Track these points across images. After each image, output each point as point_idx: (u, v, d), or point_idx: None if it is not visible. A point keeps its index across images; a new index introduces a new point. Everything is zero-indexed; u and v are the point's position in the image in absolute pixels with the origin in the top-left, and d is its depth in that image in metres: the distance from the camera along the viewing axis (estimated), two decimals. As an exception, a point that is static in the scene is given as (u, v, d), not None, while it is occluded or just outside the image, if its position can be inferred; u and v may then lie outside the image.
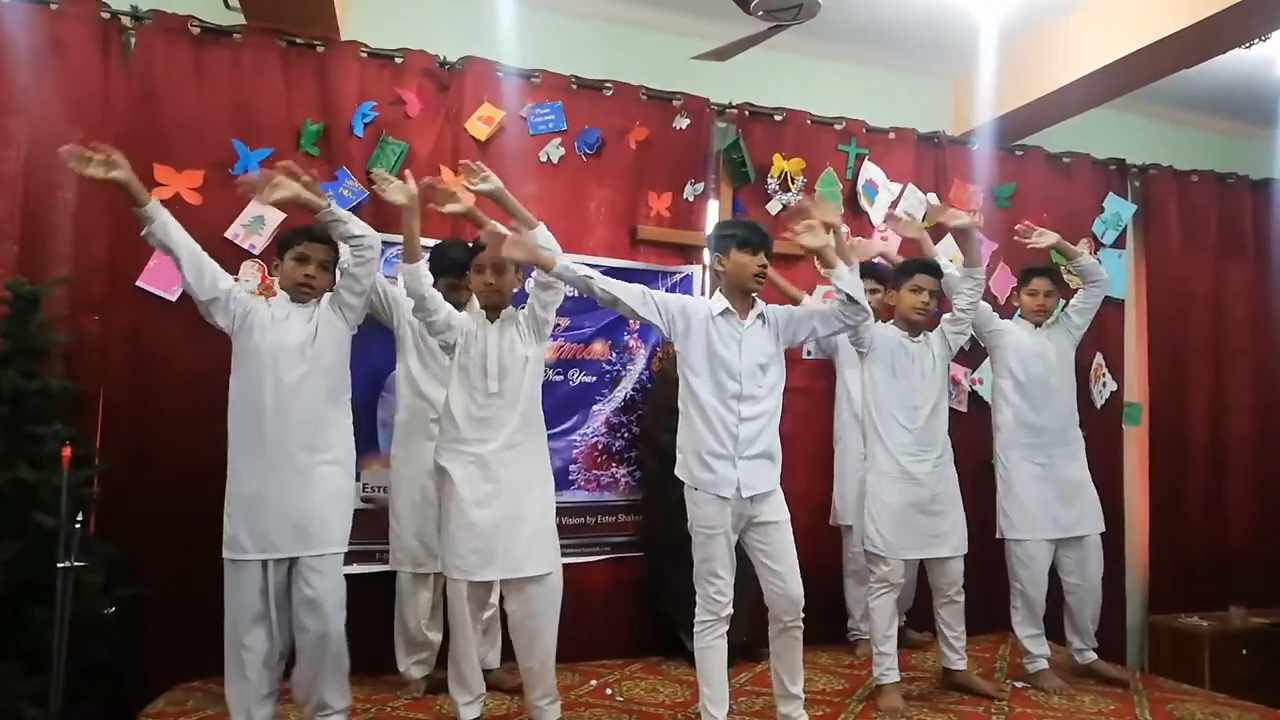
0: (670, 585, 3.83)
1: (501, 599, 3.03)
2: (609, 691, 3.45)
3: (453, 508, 2.87)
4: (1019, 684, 3.64)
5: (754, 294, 2.94)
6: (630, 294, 2.85)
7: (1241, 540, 5.25)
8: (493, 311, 3.00)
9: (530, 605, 2.88)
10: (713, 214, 4.46)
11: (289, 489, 2.77)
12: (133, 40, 3.63)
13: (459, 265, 3.22)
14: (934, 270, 3.53)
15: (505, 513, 2.86)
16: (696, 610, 2.88)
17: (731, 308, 2.91)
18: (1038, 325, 3.81)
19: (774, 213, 4.48)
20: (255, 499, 2.78)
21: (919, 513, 3.39)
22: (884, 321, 3.59)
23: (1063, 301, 3.96)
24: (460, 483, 2.86)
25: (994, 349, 3.81)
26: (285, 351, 2.82)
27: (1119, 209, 5.15)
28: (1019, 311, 3.91)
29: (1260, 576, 5.18)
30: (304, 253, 2.89)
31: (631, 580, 4.07)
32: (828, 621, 4.08)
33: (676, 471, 2.94)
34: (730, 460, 2.84)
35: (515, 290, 3.07)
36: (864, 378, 3.49)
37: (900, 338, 3.47)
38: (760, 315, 2.95)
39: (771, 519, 2.90)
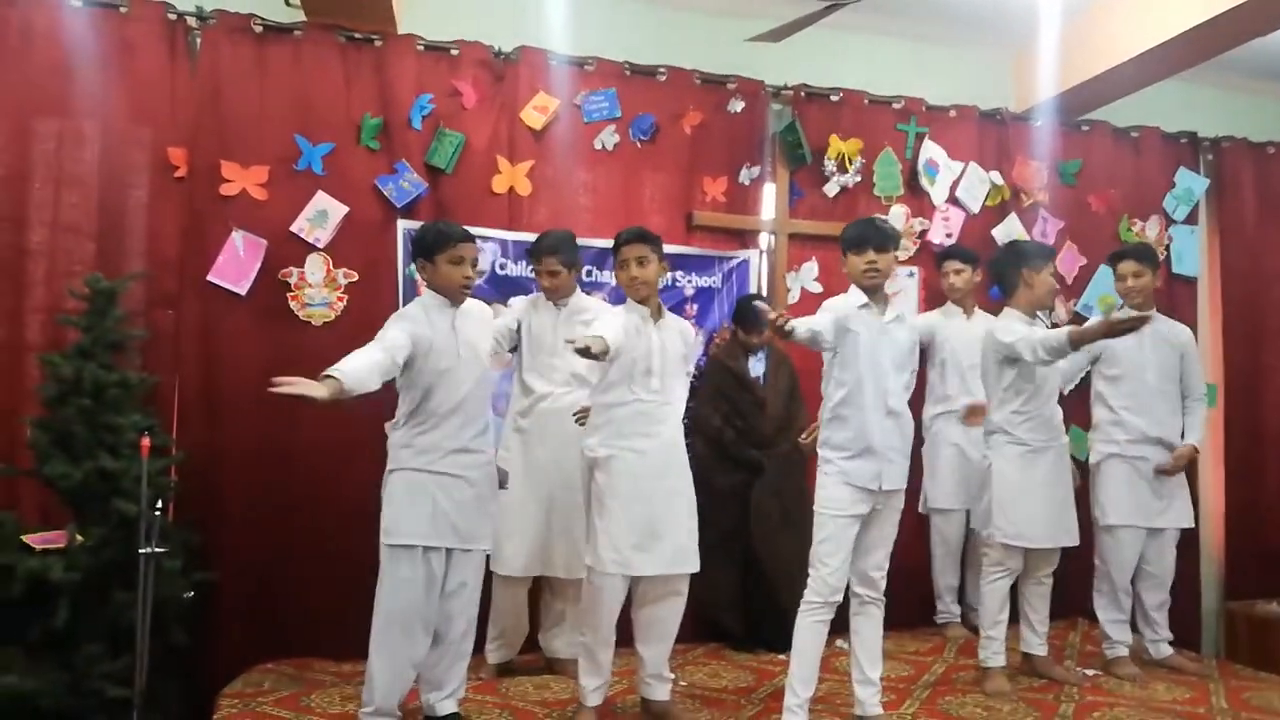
0: (715, 574, 3.80)
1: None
2: (672, 675, 3.45)
3: (614, 501, 2.90)
4: (1090, 671, 3.58)
5: (877, 290, 2.93)
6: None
7: (1322, 526, 5.07)
8: (654, 310, 3.01)
9: (681, 601, 3.00)
10: (769, 198, 4.43)
11: None
12: (198, 40, 3.72)
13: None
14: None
15: (666, 509, 2.93)
16: (806, 590, 2.89)
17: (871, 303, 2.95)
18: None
19: (831, 195, 4.44)
20: None
21: (1039, 499, 3.35)
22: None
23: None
24: (625, 476, 2.90)
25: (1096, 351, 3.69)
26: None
27: (1191, 184, 4.98)
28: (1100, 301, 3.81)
29: (1342, 562, 5.00)
30: (461, 254, 2.86)
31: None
32: (910, 606, 4.10)
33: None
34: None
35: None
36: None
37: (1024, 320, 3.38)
38: (899, 316, 2.97)
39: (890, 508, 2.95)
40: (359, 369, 2.57)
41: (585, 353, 2.65)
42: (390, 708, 2.79)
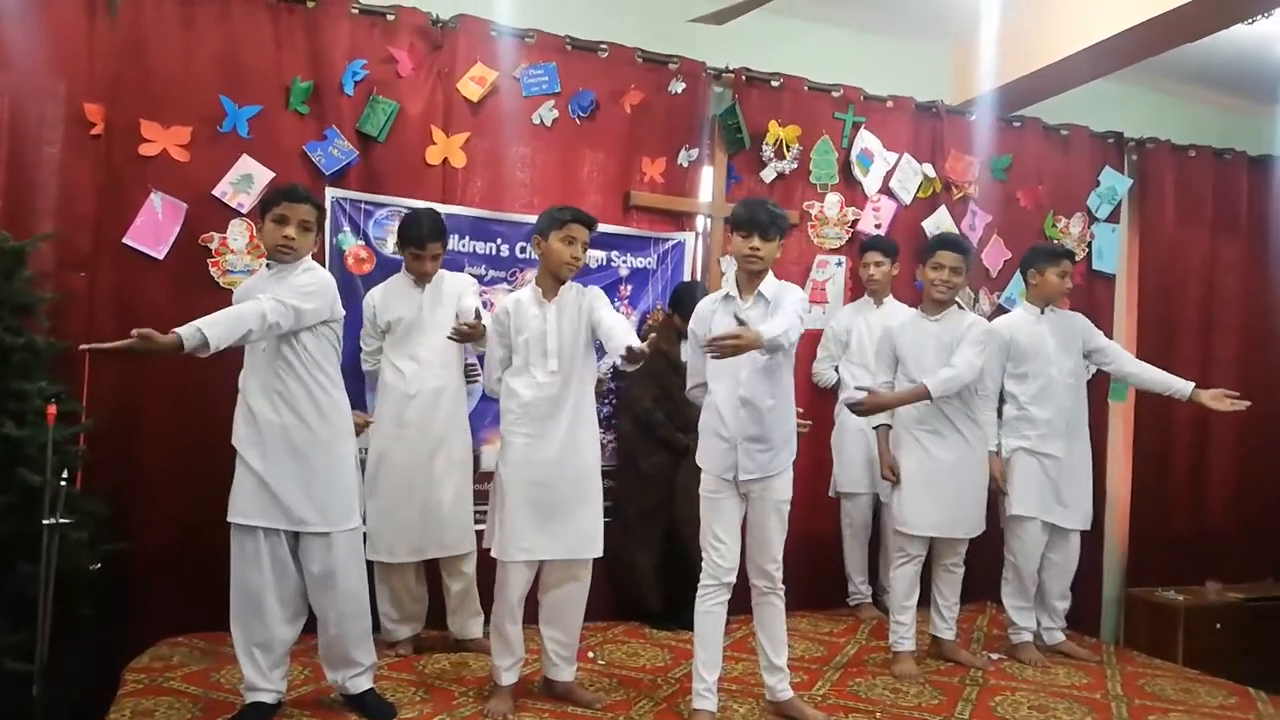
0: (635, 553, 3.87)
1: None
2: (590, 655, 3.49)
3: (515, 487, 2.88)
4: (995, 655, 3.70)
5: (754, 275, 2.89)
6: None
7: (1222, 517, 5.31)
8: (548, 289, 2.97)
9: (583, 586, 3.00)
10: (707, 180, 4.42)
11: None
12: (119, -10, 3.56)
13: (420, 239, 3.38)
14: (955, 246, 3.50)
15: (568, 493, 2.90)
16: (701, 574, 2.89)
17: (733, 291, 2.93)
18: (1043, 311, 3.76)
19: (768, 180, 4.45)
20: None
21: (935, 490, 3.42)
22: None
23: None
24: (524, 462, 2.87)
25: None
26: None
27: (1115, 182, 5.12)
28: (1022, 295, 3.92)
29: (1238, 552, 5.24)
30: (283, 214, 2.79)
31: (612, 545, 4.11)
32: (826, 587, 4.26)
33: None
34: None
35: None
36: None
37: (919, 317, 3.52)
38: (762, 298, 2.89)
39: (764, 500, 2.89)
40: (216, 324, 2.54)
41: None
42: (256, 682, 2.74)
